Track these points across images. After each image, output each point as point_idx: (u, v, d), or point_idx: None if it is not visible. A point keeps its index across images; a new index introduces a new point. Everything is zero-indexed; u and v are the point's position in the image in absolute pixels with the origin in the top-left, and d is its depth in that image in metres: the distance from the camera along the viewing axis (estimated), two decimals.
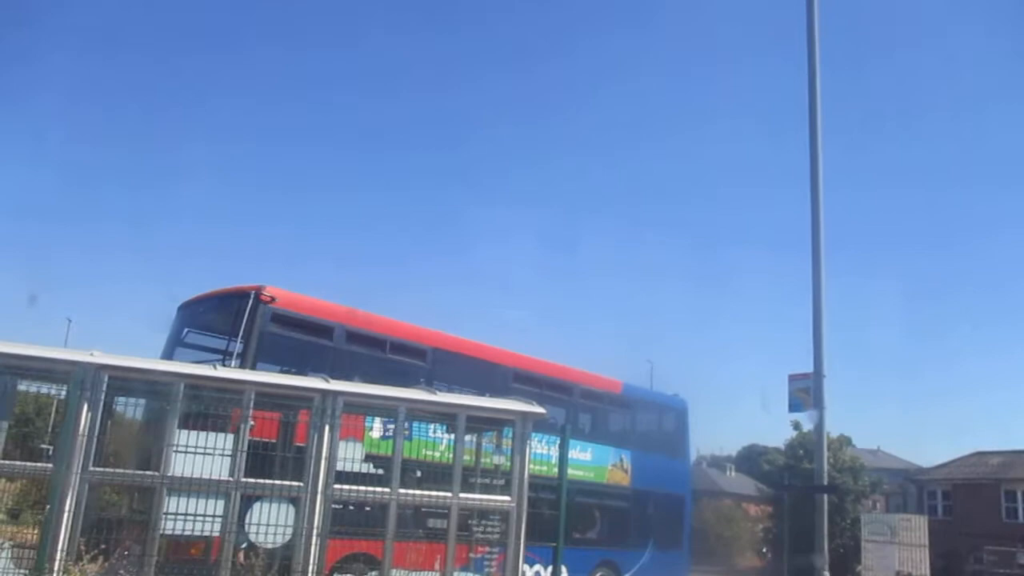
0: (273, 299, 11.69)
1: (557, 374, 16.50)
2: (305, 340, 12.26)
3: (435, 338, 14.18)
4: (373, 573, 8.48)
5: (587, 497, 16.16)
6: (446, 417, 9.08)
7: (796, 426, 33.30)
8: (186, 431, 7.73)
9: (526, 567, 10.83)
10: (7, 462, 7.49)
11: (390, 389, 9.09)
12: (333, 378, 8.75)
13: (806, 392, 15.59)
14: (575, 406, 16.90)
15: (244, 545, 7.93)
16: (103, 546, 7.49)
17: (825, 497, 14.61)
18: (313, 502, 8.04)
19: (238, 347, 11.34)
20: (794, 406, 16.01)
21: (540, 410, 9.23)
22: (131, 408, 8.40)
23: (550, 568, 10.71)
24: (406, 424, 8.83)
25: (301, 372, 10.79)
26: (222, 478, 7.77)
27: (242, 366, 11.08)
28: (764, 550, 41.76)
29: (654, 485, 17.73)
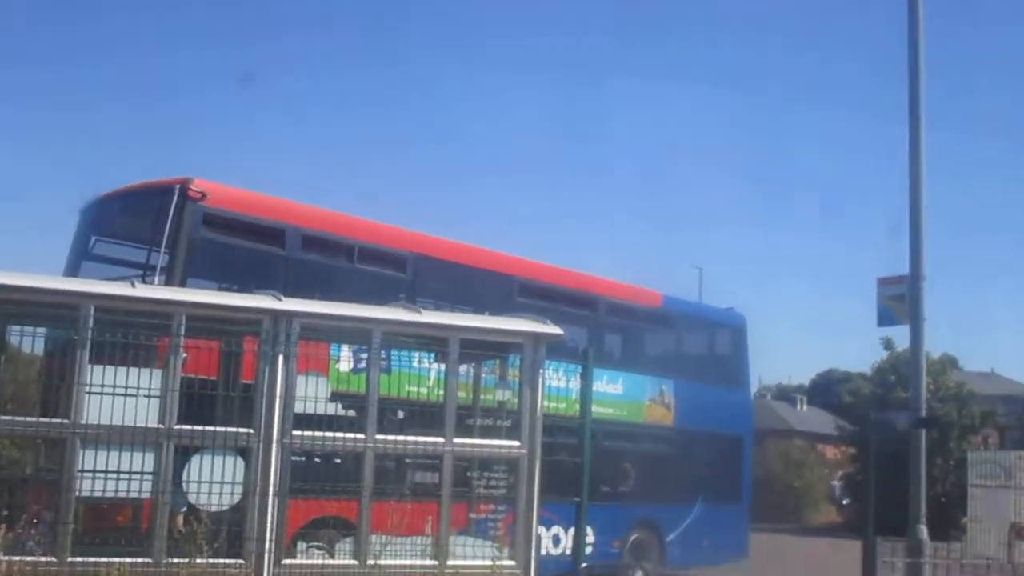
0: (204, 195, 11.60)
1: (577, 285, 16.59)
2: (249, 247, 12.24)
3: (418, 242, 14.19)
4: (347, 540, 8.70)
5: (618, 441, 16.44)
6: (434, 342, 9.15)
7: (887, 344, 33.66)
8: (101, 367, 7.75)
9: (542, 529, 11.16)
10: None
11: (361, 308, 9.14)
12: (287, 295, 8.78)
13: (900, 301, 15.50)
14: (602, 325, 17.03)
15: (183, 509, 8.09)
16: (5, 512, 7.63)
17: (923, 433, 14.74)
18: (267, 453, 8.17)
19: (162, 258, 11.31)
20: (884, 318, 15.90)
21: (555, 330, 9.28)
22: (29, 340, 8.44)
23: (571, 530, 10.99)
24: (383, 352, 8.91)
25: (245, 289, 10.82)
26: (149, 425, 7.87)
27: (168, 283, 11.07)
28: (844, 502, 42.90)
29: (704, 424, 17.98)
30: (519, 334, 9.24)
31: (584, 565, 9.77)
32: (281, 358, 8.28)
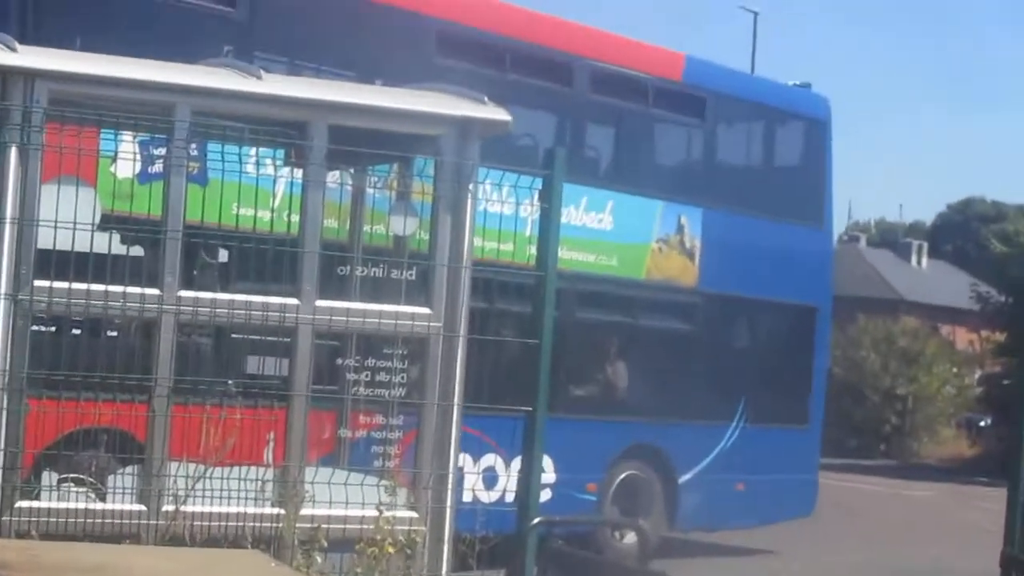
0: None
1: (540, 37, 16.62)
2: None
3: None
4: (128, 470, 8.89)
5: (602, 310, 16.87)
6: (285, 131, 9.21)
7: None
8: None
9: (466, 458, 11.34)
10: None
11: (155, 66, 9.12)
12: (26, 42, 8.76)
13: None
14: (579, 109, 17.18)
15: None
16: None
17: None
18: None
19: None
20: None
21: (498, 112, 9.48)
22: None
23: (516, 462, 11.28)
24: (193, 147, 8.95)
25: None
26: None
27: None
28: (983, 423, 44.28)
29: (750, 286, 18.45)
30: (435, 119, 9.37)
31: (537, 521, 9.97)
32: (13, 153, 8.29)
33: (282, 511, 8.84)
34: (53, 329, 9.50)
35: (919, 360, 45.03)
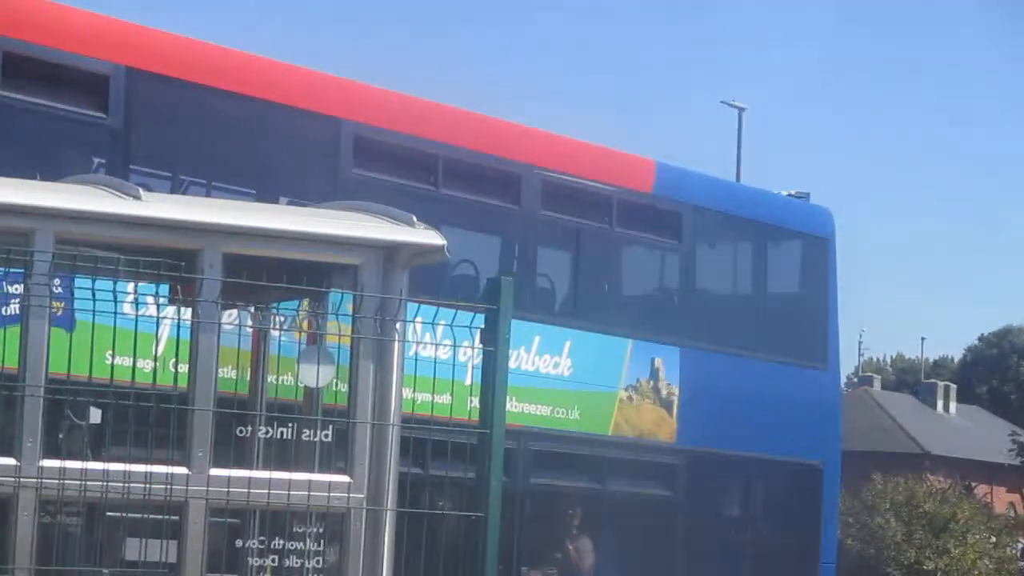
0: None
1: (482, 141, 16.73)
2: None
3: (137, 43, 14.24)
4: None
5: (562, 475, 16.78)
6: (168, 262, 9.17)
7: None
8: None
9: None
10: None
11: (9, 184, 9.11)
12: None
13: None
14: (529, 229, 17.26)
15: None
16: None
17: None
18: None
19: None
20: None
21: (432, 236, 9.49)
22: None
23: None
24: (57, 283, 8.92)
25: None
26: None
27: None
28: None
29: (742, 442, 18.42)
30: (354, 244, 9.40)
31: None
32: None
33: None
34: None
35: (949, 528, 44.97)
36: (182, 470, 8.93)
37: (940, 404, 63.87)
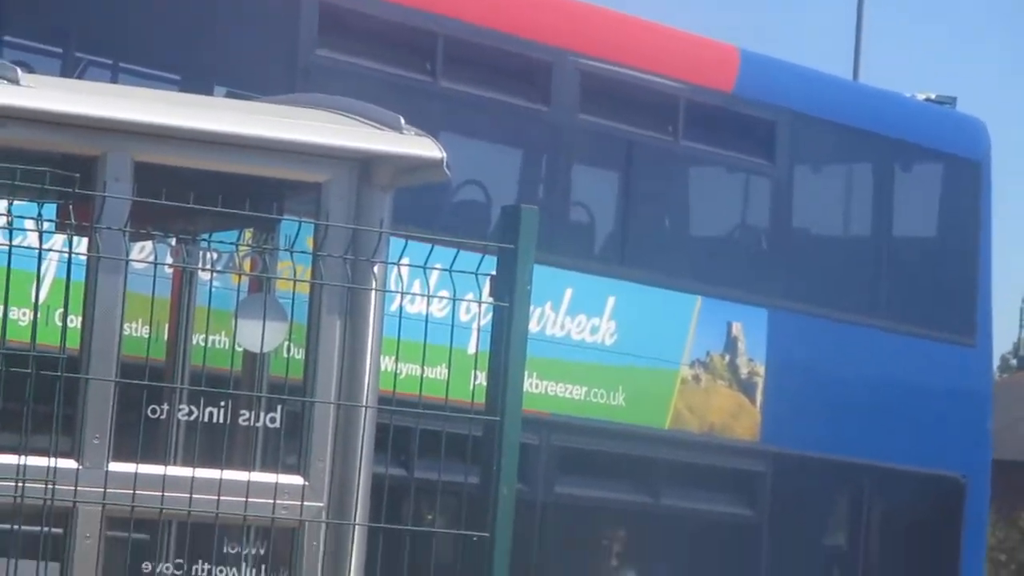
0: None
1: (500, 17, 16.74)
2: None
3: None
4: None
5: (599, 481, 16.86)
6: (59, 172, 9.18)
7: None
8: None
9: None
10: None
11: None
12: None
13: None
14: (563, 137, 17.25)
15: None
16: None
17: None
18: None
19: None
20: None
21: (424, 145, 9.54)
22: None
23: None
24: None
25: None
26: None
27: None
28: None
29: (850, 445, 18.47)
30: (315, 152, 9.41)
31: None
32: None
33: None
34: None
35: None
36: (70, 463, 8.95)
37: None
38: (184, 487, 9.07)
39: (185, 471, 9.17)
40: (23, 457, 8.86)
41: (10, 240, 9.05)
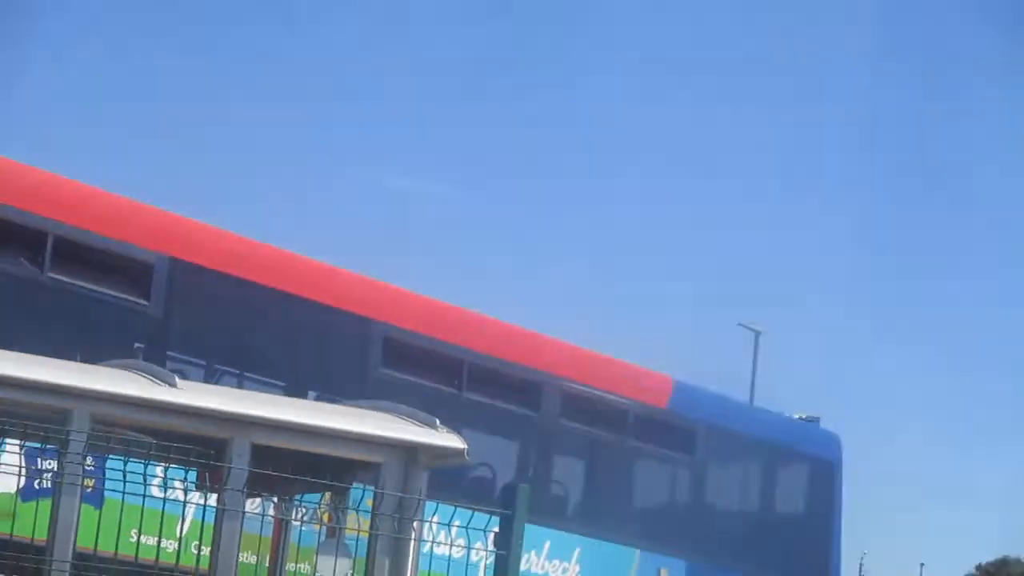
0: None
1: (504, 349, 16.74)
2: None
3: (182, 234, 14.34)
4: None
5: None
6: (198, 449, 9.18)
7: None
8: None
9: None
10: None
11: (51, 364, 9.13)
12: None
13: None
14: (547, 437, 17.20)
15: None
16: None
17: None
18: None
19: None
20: None
21: (453, 439, 9.48)
22: None
23: None
24: (90, 462, 8.90)
25: None
26: None
27: None
28: None
29: None
30: (378, 444, 9.40)
31: None
32: None
33: None
34: None
35: None
36: None
37: None
38: None
39: None
40: None
41: (163, 494, 9.05)
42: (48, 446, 9.30)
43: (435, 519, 9.51)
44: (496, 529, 9.93)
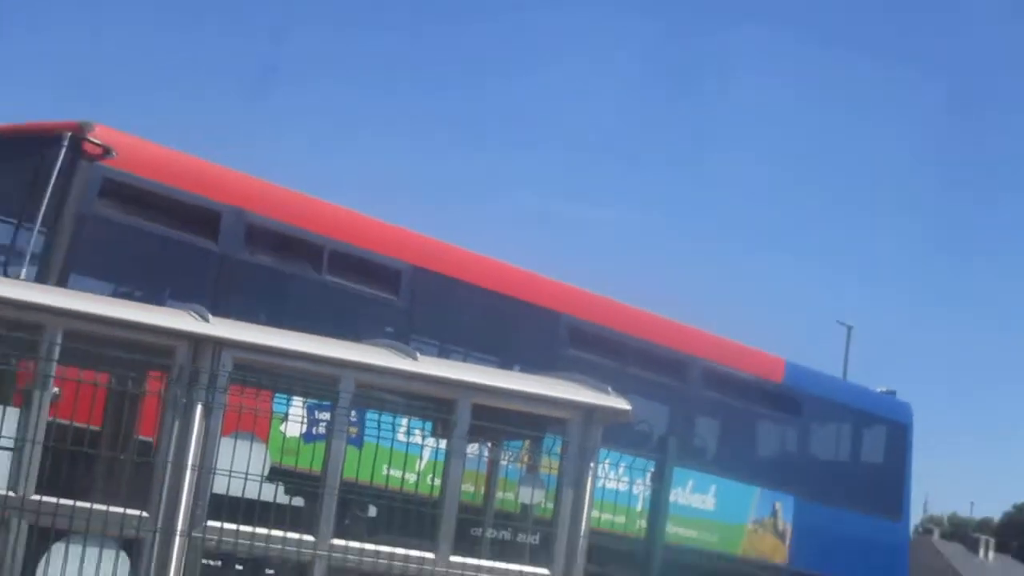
0: (108, 151, 11.75)
1: (659, 336, 16.64)
2: (165, 235, 12.46)
3: (422, 249, 14.41)
4: None
5: None
6: (432, 406, 9.24)
7: None
8: None
9: None
10: None
11: (326, 343, 9.26)
12: (216, 314, 8.89)
13: None
14: (690, 402, 17.09)
15: None
16: None
17: None
18: (165, 549, 8.24)
19: (34, 240, 11.49)
20: None
21: (621, 403, 9.45)
22: None
23: None
24: (353, 414, 8.99)
25: (153, 299, 10.93)
26: None
27: (41, 278, 11.25)
28: None
29: (835, 569, 17.91)
30: (565, 404, 9.35)
31: None
32: (200, 409, 8.35)
33: None
34: (219, 564, 9.46)
35: None
36: (430, 555, 8.91)
37: (982, 552, 61.72)
38: (489, 572, 9.05)
39: (489, 563, 9.13)
40: (408, 551, 8.88)
41: (407, 439, 9.12)
42: (324, 402, 9.44)
43: (606, 462, 9.48)
44: (652, 470, 9.92)
